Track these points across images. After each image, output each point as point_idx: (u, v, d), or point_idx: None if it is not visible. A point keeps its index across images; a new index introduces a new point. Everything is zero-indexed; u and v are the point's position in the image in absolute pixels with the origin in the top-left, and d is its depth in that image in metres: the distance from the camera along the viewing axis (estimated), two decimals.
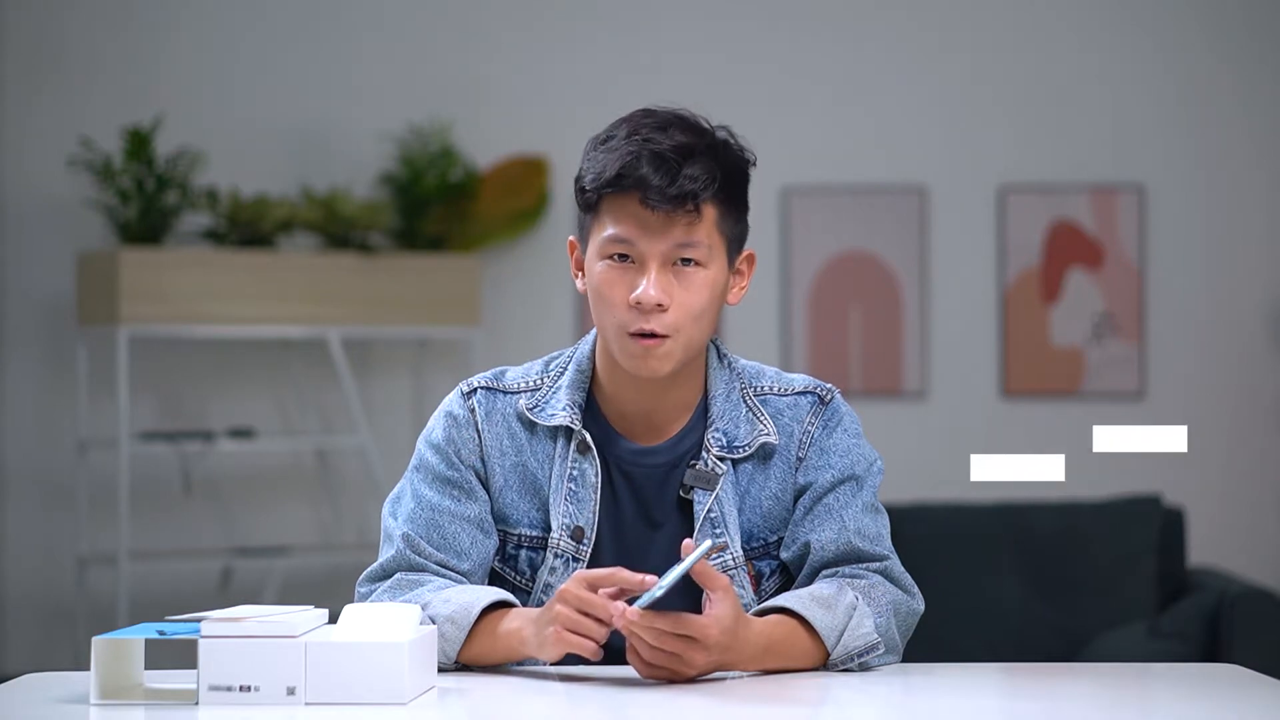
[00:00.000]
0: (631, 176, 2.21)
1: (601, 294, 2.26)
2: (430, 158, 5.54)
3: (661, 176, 2.21)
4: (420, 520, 2.32)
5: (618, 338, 2.26)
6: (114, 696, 2.01)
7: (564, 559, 2.31)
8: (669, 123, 2.26)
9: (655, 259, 2.23)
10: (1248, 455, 5.76)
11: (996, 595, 4.90)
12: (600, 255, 2.26)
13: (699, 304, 2.25)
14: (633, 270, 2.25)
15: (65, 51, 5.63)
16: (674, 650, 2.08)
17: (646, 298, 2.22)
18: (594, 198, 2.25)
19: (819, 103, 5.80)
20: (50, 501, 5.62)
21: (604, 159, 2.24)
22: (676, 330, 2.25)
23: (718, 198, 2.25)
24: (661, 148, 2.22)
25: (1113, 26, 5.80)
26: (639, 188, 2.21)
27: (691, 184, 2.21)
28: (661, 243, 2.23)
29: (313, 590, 5.59)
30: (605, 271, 2.26)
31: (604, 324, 2.28)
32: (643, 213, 2.22)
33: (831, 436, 2.35)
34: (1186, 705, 2.08)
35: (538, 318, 5.75)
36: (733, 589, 2.13)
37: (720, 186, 2.24)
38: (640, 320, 2.24)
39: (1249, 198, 5.78)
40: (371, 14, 5.76)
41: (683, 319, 2.25)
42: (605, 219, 2.25)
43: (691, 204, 2.22)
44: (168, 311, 5.21)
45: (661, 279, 2.23)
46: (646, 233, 2.23)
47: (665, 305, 2.23)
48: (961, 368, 5.78)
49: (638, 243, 2.23)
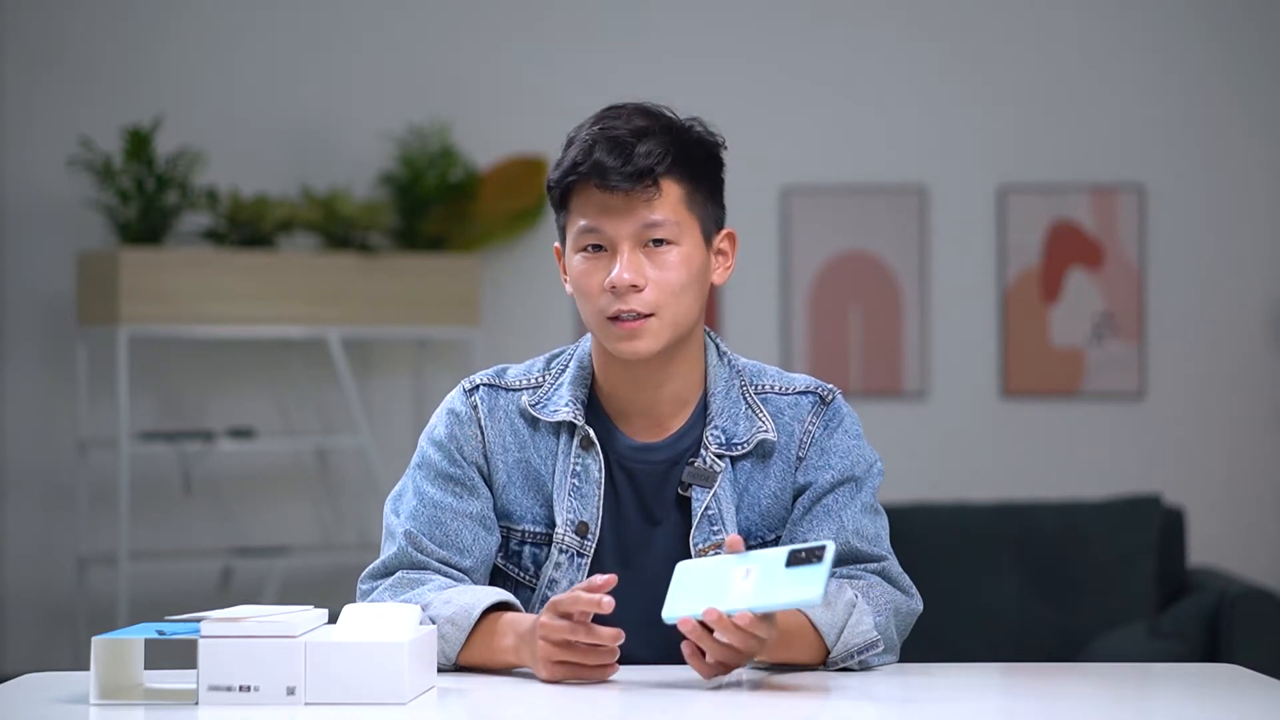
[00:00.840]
0: (588, 162, 2.24)
1: (579, 286, 2.29)
2: (430, 158, 5.54)
3: (615, 157, 2.24)
4: (422, 517, 2.32)
5: (600, 325, 2.28)
6: (114, 696, 2.01)
7: (569, 554, 2.31)
8: (629, 112, 2.29)
9: (625, 241, 2.26)
10: (1248, 455, 5.76)
11: (996, 595, 4.90)
12: (575, 249, 2.29)
13: (676, 280, 2.26)
14: (605, 257, 2.27)
15: (65, 51, 5.63)
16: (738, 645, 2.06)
17: (620, 280, 2.24)
18: (559, 193, 2.28)
19: (819, 103, 5.80)
20: (50, 501, 5.62)
21: (566, 153, 2.28)
22: (658, 307, 2.26)
23: (677, 174, 2.27)
24: (617, 132, 2.25)
25: (1113, 27, 5.80)
26: (596, 172, 2.24)
27: (646, 159, 2.23)
28: (627, 224, 2.25)
29: (313, 590, 5.59)
30: (581, 264, 2.28)
31: (587, 316, 2.30)
32: (604, 197, 2.25)
33: (832, 437, 2.35)
34: (1186, 705, 2.08)
35: (538, 318, 5.74)
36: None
37: (676, 161, 2.26)
38: (617, 303, 2.25)
39: (1249, 198, 5.78)
40: (371, 14, 5.76)
41: (662, 296, 2.26)
42: (574, 214, 2.28)
43: (649, 180, 2.24)
44: (168, 311, 5.21)
45: (633, 260, 2.25)
46: (611, 216, 2.25)
47: (640, 285, 2.25)
48: (961, 368, 5.78)
49: (604, 228, 2.26)
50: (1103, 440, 5.76)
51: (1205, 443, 5.75)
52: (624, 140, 2.24)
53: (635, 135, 2.25)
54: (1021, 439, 5.76)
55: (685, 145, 2.28)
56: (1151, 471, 5.68)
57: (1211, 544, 5.58)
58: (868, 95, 5.80)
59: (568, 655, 2.10)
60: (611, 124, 2.26)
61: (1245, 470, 5.75)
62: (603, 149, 2.24)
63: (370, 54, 5.76)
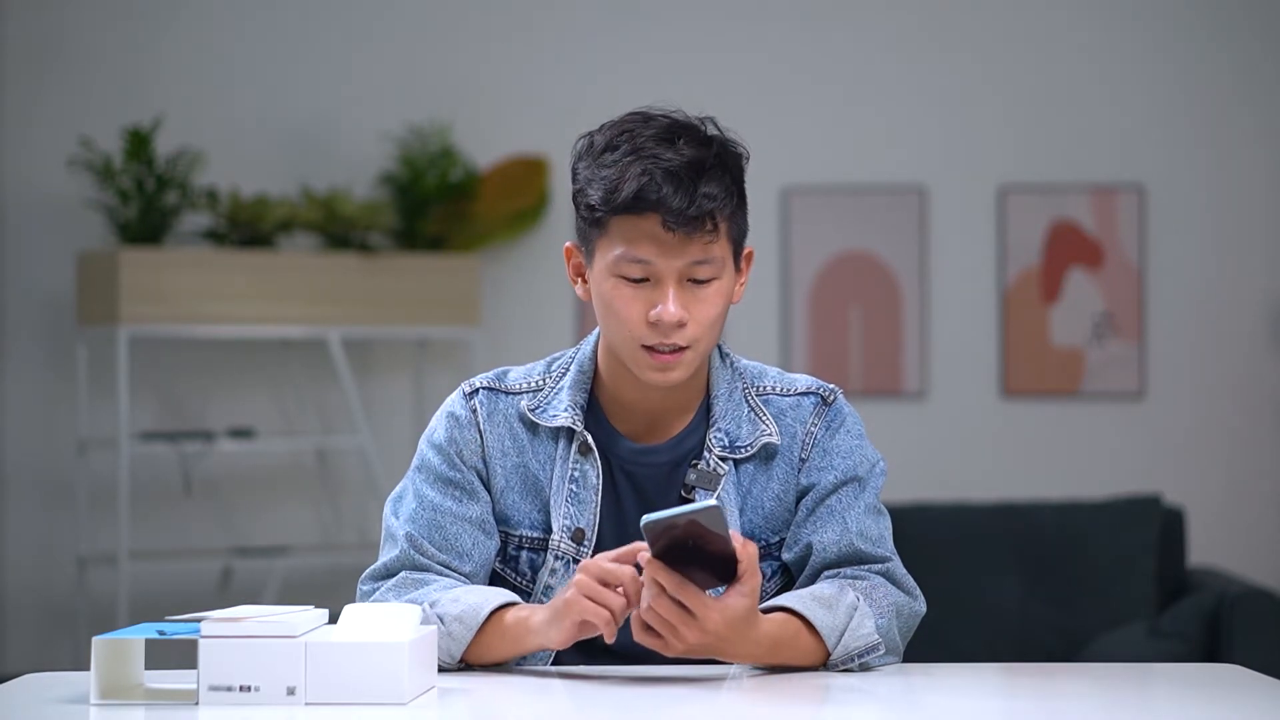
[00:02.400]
0: (649, 200, 2.19)
1: (614, 309, 2.25)
2: (430, 158, 5.54)
3: (680, 198, 2.18)
4: (422, 521, 2.32)
5: (632, 353, 2.26)
6: (114, 696, 2.01)
7: (564, 561, 2.31)
8: (672, 132, 2.23)
9: (672, 276, 2.23)
10: (1248, 455, 5.76)
11: (996, 595, 4.90)
12: (611, 273, 2.25)
13: (713, 314, 2.26)
14: (647, 288, 2.24)
15: (65, 51, 5.63)
16: (667, 616, 2.08)
17: (668, 315, 2.22)
18: (604, 215, 2.23)
19: (819, 103, 5.80)
20: (50, 501, 5.62)
21: (611, 176, 2.21)
22: (694, 340, 2.25)
23: (730, 212, 2.25)
24: (673, 165, 2.20)
25: (1113, 27, 5.79)
26: (658, 210, 2.19)
27: (710, 203, 2.20)
28: (678, 260, 2.22)
29: (313, 590, 5.59)
30: (617, 288, 2.25)
31: (615, 337, 2.27)
32: (660, 233, 2.20)
33: (834, 438, 2.35)
34: (1186, 705, 2.08)
35: (538, 318, 5.74)
36: (758, 592, 2.13)
37: (735, 202, 2.24)
38: (659, 336, 2.23)
39: (1249, 198, 5.77)
40: (371, 14, 5.76)
41: (700, 330, 2.25)
42: (615, 238, 2.23)
43: (711, 224, 2.22)
44: (168, 311, 5.21)
45: (680, 296, 2.23)
46: (664, 253, 2.22)
47: (685, 322, 2.23)
48: (961, 368, 5.78)
49: (655, 262, 2.22)
50: (1103, 440, 5.76)
51: (1205, 443, 5.75)
52: (683, 178, 2.19)
53: (694, 172, 2.20)
54: (1021, 439, 5.76)
55: (735, 176, 2.25)
56: (1151, 471, 5.68)
57: (1211, 544, 5.58)
58: (868, 95, 5.80)
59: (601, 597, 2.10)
60: (661, 152, 2.20)
61: (1245, 470, 5.75)
62: (666, 185, 2.19)
63: (370, 54, 5.76)
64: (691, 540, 2.04)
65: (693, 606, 2.08)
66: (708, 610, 2.08)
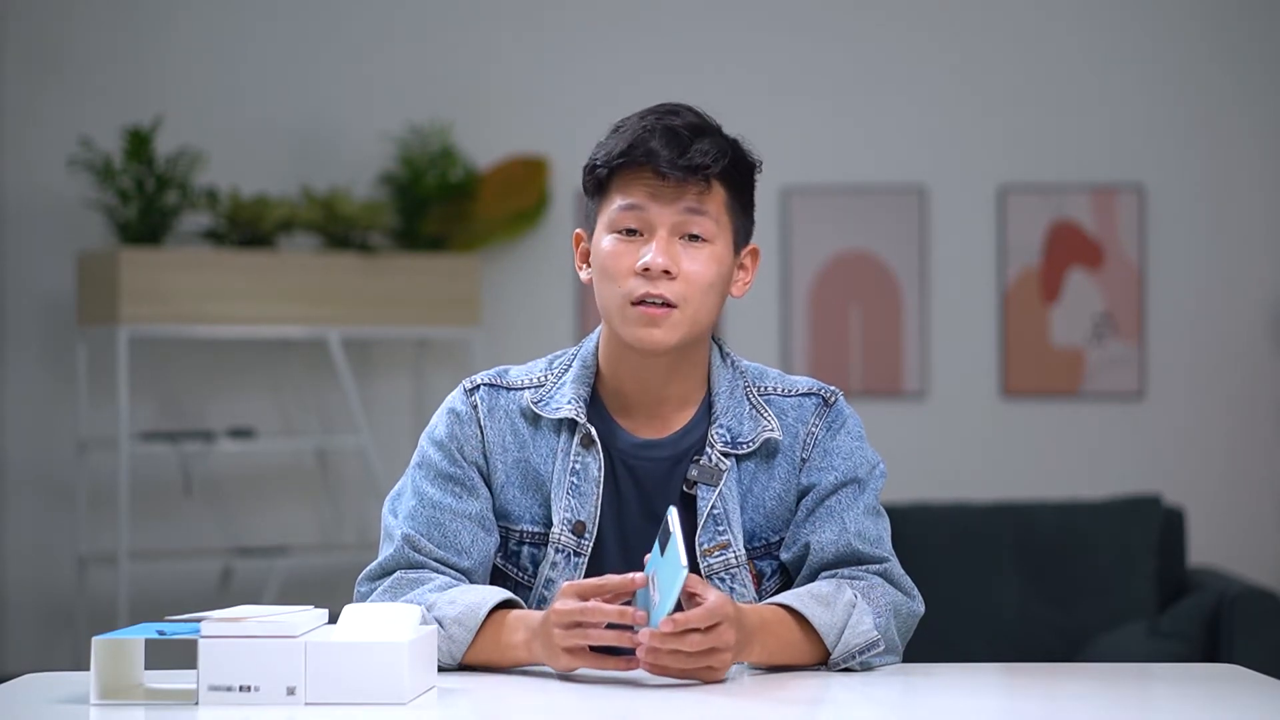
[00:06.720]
0: (643, 148, 2.26)
1: (606, 267, 2.28)
2: (430, 158, 5.54)
3: (673, 149, 2.25)
4: (421, 518, 2.32)
5: (620, 310, 2.28)
6: (114, 696, 2.01)
7: (565, 554, 2.31)
8: (682, 108, 2.31)
9: (664, 227, 2.27)
10: (1248, 455, 5.76)
11: (996, 595, 4.90)
12: (609, 229, 2.29)
13: (705, 277, 2.28)
14: (639, 242, 2.27)
15: (65, 51, 5.63)
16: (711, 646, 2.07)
17: (654, 263, 2.25)
18: (604, 173, 2.28)
19: (819, 103, 5.80)
20: (50, 501, 5.62)
21: (614, 140, 2.29)
22: (685, 300, 2.27)
23: (725, 178, 2.29)
24: (673, 125, 2.27)
25: (1112, 26, 5.80)
26: (650, 159, 2.25)
27: (702, 157, 2.26)
28: (670, 210, 2.27)
29: (313, 590, 5.59)
30: (612, 244, 2.28)
31: (608, 300, 2.29)
32: (654, 181, 2.26)
33: (835, 439, 2.35)
34: (1186, 705, 2.08)
35: (538, 318, 5.75)
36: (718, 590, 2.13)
37: (729, 165, 2.29)
38: (646, 285, 2.26)
39: (1249, 198, 5.78)
40: (372, 14, 5.76)
41: (691, 290, 2.27)
42: (614, 194, 2.29)
43: (702, 175, 2.26)
44: (168, 311, 5.21)
45: (669, 247, 2.27)
46: (656, 199, 2.27)
47: (673, 272, 2.26)
48: (961, 368, 5.78)
49: (647, 209, 2.27)
50: (1103, 440, 5.76)
51: (1205, 443, 5.75)
52: (681, 134, 2.26)
53: (692, 132, 2.27)
54: (1021, 439, 5.76)
55: (736, 154, 2.32)
56: (1151, 471, 5.68)
57: (1211, 544, 5.58)
58: (868, 95, 5.80)
59: (578, 638, 2.10)
60: (669, 119, 2.28)
61: (1245, 470, 5.75)
62: (660, 138, 2.26)
63: (370, 54, 5.76)
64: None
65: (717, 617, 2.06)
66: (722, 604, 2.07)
